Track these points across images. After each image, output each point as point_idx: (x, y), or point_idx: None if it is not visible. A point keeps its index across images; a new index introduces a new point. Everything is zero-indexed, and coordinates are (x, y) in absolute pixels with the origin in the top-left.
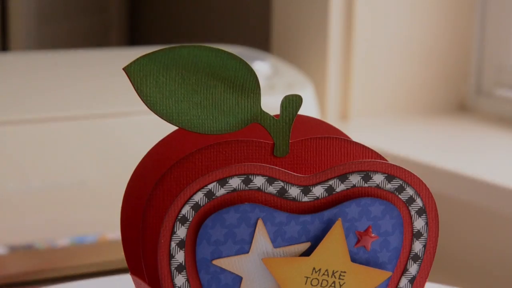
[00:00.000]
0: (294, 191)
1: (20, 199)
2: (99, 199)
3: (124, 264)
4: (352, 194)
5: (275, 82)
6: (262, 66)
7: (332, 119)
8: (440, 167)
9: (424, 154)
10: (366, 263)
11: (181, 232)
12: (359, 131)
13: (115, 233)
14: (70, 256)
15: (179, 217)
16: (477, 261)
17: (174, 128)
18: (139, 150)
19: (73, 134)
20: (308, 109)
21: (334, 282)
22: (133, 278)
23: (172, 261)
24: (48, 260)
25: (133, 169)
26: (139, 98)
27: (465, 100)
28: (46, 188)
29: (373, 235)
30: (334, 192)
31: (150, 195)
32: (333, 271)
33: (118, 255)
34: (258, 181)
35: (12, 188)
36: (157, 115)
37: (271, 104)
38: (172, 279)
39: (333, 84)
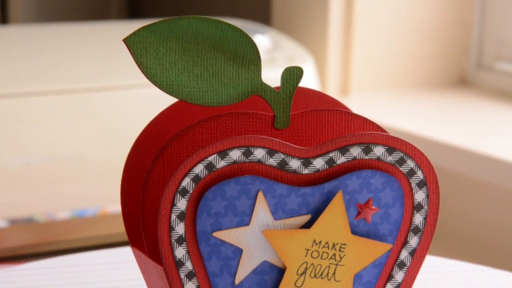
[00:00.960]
0: (294, 163)
1: (20, 172)
2: (99, 172)
3: (124, 238)
4: (353, 167)
5: (275, 55)
6: (262, 40)
7: (332, 93)
8: (440, 141)
9: (425, 128)
10: (367, 235)
11: (181, 204)
12: (359, 105)
13: (115, 206)
14: (70, 229)
15: (179, 189)
16: (477, 235)
17: (174, 100)
18: (139, 123)
19: (73, 107)
20: (308, 83)
21: (334, 255)
22: (133, 250)
23: (172, 233)
24: (48, 234)
25: (133, 142)
26: (139, 71)
27: (466, 74)
28: (46, 162)
29: (373, 207)
30: (334, 165)
31: (150, 167)
32: (334, 243)
33: (118, 229)
34: (259, 153)
35: (12, 161)
36: (157, 87)
37: (271, 77)
38: (172, 251)
39: (333, 58)
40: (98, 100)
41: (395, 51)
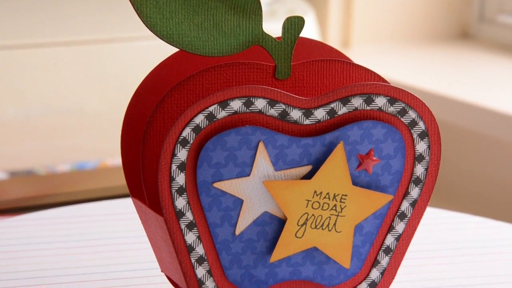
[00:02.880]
0: (295, 114)
1: (20, 124)
2: (99, 125)
3: (125, 191)
4: (354, 117)
5: (276, 8)
6: None
7: (333, 47)
8: (442, 94)
9: (426, 81)
10: (368, 186)
11: (182, 154)
12: (360, 59)
13: (115, 159)
14: (70, 182)
15: (179, 140)
16: (477, 187)
17: (175, 51)
18: (139, 75)
19: (73, 60)
20: (309, 36)
21: (335, 205)
22: (133, 201)
23: (172, 184)
24: (48, 186)
25: (132, 94)
26: (139, 23)
27: (468, 27)
28: (46, 114)
29: (374, 158)
30: (336, 115)
31: (150, 118)
32: (334, 194)
33: (119, 182)
34: (260, 103)
35: (12, 113)
36: (158, 36)
37: (272, 30)
38: (172, 202)
39: (334, 11)
40: (98, 52)
41: (396, 4)
